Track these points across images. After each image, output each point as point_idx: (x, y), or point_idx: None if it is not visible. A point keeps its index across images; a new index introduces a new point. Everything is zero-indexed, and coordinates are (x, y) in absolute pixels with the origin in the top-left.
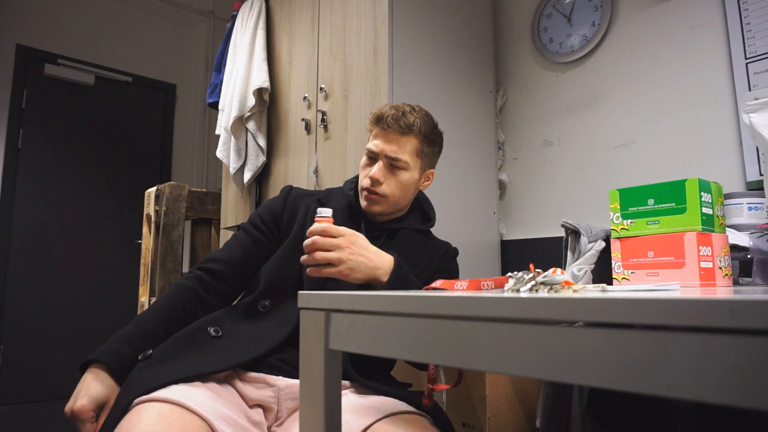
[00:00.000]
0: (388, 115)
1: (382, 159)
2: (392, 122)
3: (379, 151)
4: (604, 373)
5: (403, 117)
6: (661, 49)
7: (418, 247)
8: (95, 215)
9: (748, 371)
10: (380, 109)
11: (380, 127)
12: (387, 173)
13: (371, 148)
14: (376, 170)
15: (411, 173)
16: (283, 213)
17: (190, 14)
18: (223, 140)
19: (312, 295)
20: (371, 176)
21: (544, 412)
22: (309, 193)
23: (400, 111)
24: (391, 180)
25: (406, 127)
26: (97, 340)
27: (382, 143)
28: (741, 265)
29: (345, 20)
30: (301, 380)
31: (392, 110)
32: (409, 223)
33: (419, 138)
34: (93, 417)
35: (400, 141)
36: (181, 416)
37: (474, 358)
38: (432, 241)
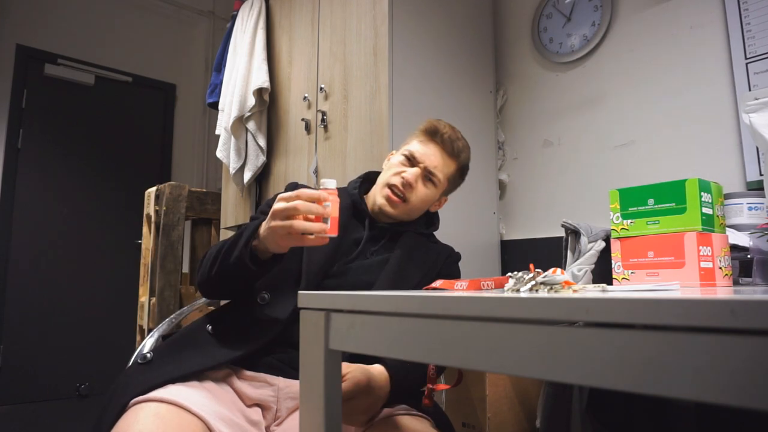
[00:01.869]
0: (444, 133)
1: (421, 167)
2: (447, 141)
3: (424, 159)
4: (604, 373)
5: (456, 141)
6: (661, 49)
7: (421, 250)
8: (95, 215)
9: (748, 371)
10: (434, 122)
11: (431, 139)
12: (419, 181)
13: (415, 153)
14: (411, 174)
15: (436, 192)
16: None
17: (190, 14)
18: (223, 140)
19: (312, 295)
20: (406, 178)
21: (544, 412)
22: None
23: (456, 134)
24: (419, 189)
25: (456, 151)
26: (97, 340)
27: (429, 154)
28: (741, 265)
29: (345, 20)
30: (301, 380)
31: (448, 129)
32: (414, 226)
33: (458, 167)
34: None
35: (445, 160)
36: (178, 416)
37: (474, 358)
38: (435, 245)
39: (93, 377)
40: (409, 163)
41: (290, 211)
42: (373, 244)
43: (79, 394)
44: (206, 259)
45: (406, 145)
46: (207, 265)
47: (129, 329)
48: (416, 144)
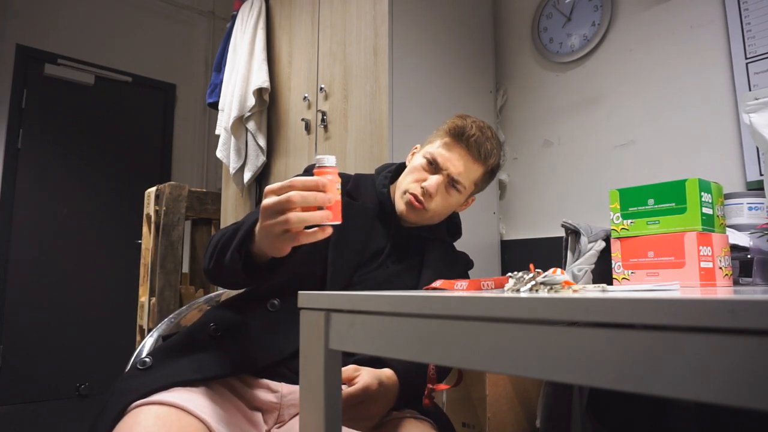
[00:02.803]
0: (472, 135)
1: (444, 174)
2: (474, 145)
3: (447, 166)
4: (604, 373)
5: (484, 143)
6: (661, 49)
7: (448, 261)
8: (95, 215)
9: (748, 371)
10: (461, 121)
11: (457, 142)
12: (441, 191)
13: (438, 158)
14: (433, 183)
15: (460, 197)
16: None
17: (190, 14)
18: (223, 140)
19: (312, 295)
20: (427, 188)
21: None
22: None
23: (484, 134)
24: (441, 197)
25: (484, 155)
26: (97, 340)
27: (453, 160)
28: (741, 265)
29: (345, 20)
30: (301, 380)
31: (476, 130)
32: (440, 234)
33: (486, 170)
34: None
35: (470, 166)
36: (179, 418)
37: (474, 358)
38: (455, 254)
39: (93, 377)
40: (431, 168)
41: (284, 204)
42: (396, 251)
43: (79, 394)
44: (209, 246)
45: (429, 145)
46: (207, 254)
47: (129, 329)
48: (440, 147)
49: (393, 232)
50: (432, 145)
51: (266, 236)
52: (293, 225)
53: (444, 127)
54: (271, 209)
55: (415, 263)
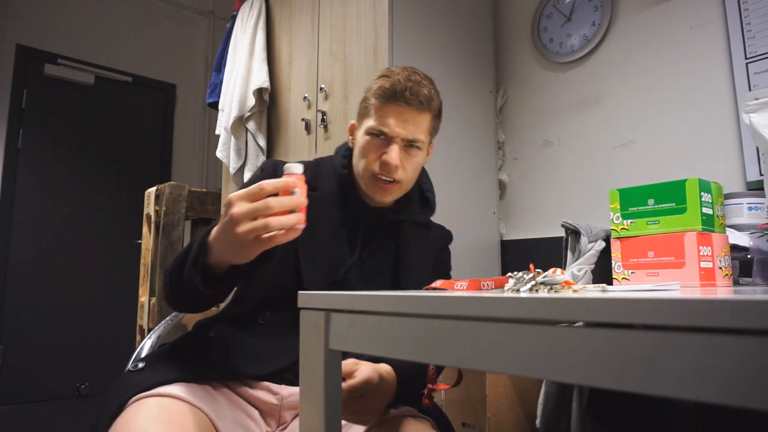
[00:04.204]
0: (405, 89)
1: (398, 141)
2: (411, 98)
3: (397, 132)
4: (604, 373)
5: (421, 89)
6: (661, 49)
7: (422, 243)
8: (95, 215)
9: (748, 371)
10: (387, 81)
11: (394, 103)
12: (403, 156)
13: (384, 129)
14: (393, 154)
15: (423, 153)
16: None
17: (190, 14)
18: (223, 140)
19: (312, 295)
20: (389, 161)
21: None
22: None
23: (415, 82)
24: (406, 164)
25: (425, 102)
26: (97, 340)
27: (398, 124)
28: (741, 265)
29: (345, 20)
30: (301, 380)
31: (406, 81)
32: (411, 213)
33: (432, 114)
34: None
35: (417, 120)
36: (182, 407)
37: (474, 358)
38: (431, 231)
39: (93, 377)
40: (382, 140)
41: (261, 210)
42: (369, 240)
43: (79, 394)
44: (165, 275)
45: (367, 118)
46: (165, 282)
47: (129, 329)
48: (378, 116)
49: (361, 217)
50: (370, 118)
51: (235, 244)
52: (273, 229)
53: (373, 93)
54: (246, 216)
55: (390, 251)
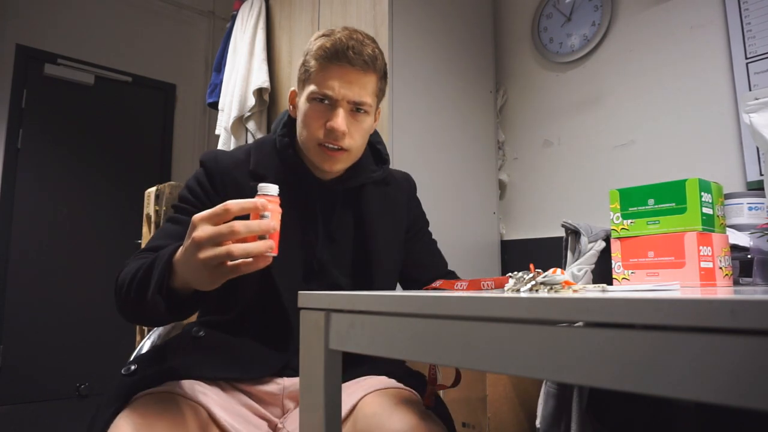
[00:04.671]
0: (348, 48)
1: (343, 105)
2: (355, 57)
3: (343, 94)
4: (604, 373)
5: (364, 48)
6: (661, 49)
7: (385, 203)
8: (95, 215)
9: (748, 371)
10: (328, 40)
11: (336, 63)
12: (350, 121)
13: (328, 92)
14: (339, 120)
15: (371, 117)
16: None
17: (190, 14)
18: (223, 140)
19: (312, 295)
20: (334, 127)
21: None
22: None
23: (357, 41)
24: (353, 129)
25: (370, 62)
26: (97, 340)
27: (342, 85)
28: (741, 265)
29: (345, 20)
30: (301, 380)
31: (348, 40)
32: (366, 174)
33: (378, 75)
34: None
35: (362, 81)
36: (179, 403)
37: (474, 358)
38: (390, 187)
39: (93, 377)
40: (327, 105)
41: (225, 235)
42: (330, 217)
43: (79, 394)
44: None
45: (307, 82)
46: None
47: (129, 329)
48: (321, 77)
49: (316, 195)
50: (311, 82)
51: (198, 270)
52: (238, 257)
53: (313, 55)
54: (209, 240)
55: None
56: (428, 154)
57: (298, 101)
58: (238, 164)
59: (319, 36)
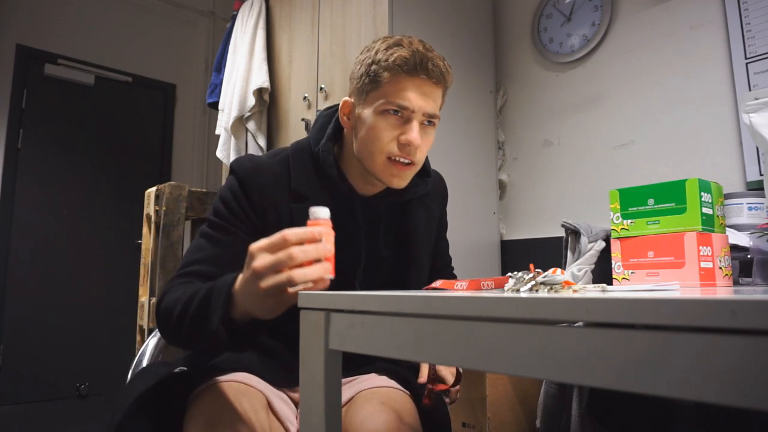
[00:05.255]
0: (426, 59)
1: (418, 117)
2: (433, 70)
3: (418, 108)
4: (604, 373)
5: (437, 60)
6: (661, 49)
7: (428, 215)
8: (95, 215)
9: (748, 371)
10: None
11: (415, 75)
12: (421, 135)
13: (406, 103)
14: (415, 134)
15: (434, 131)
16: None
17: (190, 14)
18: (223, 140)
19: (312, 295)
20: (411, 140)
21: (544, 412)
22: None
23: (431, 51)
24: (424, 143)
25: (445, 75)
26: (97, 340)
27: (418, 97)
28: (741, 265)
29: (345, 20)
30: (301, 380)
31: (426, 51)
32: (411, 189)
33: (445, 88)
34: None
35: (434, 94)
36: (247, 390)
37: (474, 358)
38: (430, 197)
39: (93, 377)
40: (400, 117)
41: (284, 262)
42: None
43: (79, 394)
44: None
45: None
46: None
47: (129, 329)
48: (397, 89)
49: (359, 215)
50: (381, 92)
51: (260, 299)
52: (298, 282)
53: (387, 66)
54: (269, 269)
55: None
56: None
57: (359, 113)
58: (277, 179)
59: (391, 45)
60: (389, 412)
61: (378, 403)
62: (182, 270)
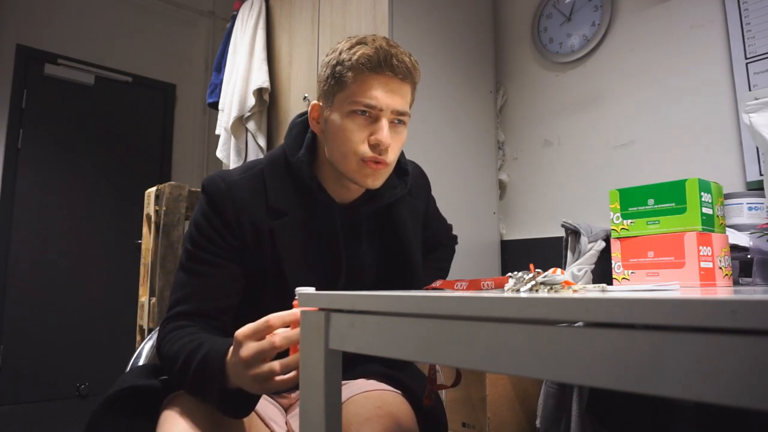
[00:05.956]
0: (390, 56)
1: (387, 116)
2: (398, 66)
3: (386, 106)
4: (604, 373)
5: (403, 57)
6: (661, 49)
7: (413, 214)
8: (95, 215)
9: (748, 372)
10: (368, 48)
11: (379, 72)
12: (391, 133)
13: (373, 102)
14: (385, 133)
15: (406, 130)
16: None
17: (190, 14)
18: (223, 140)
19: (312, 295)
20: (381, 140)
21: (544, 412)
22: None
23: (396, 48)
24: (394, 142)
25: (411, 71)
26: (97, 340)
27: (385, 95)
28: (741, 265)
29: (345, 20)
30: (301, 380)
31: (389, 47)
32: (390, 192)
33: (413, 85)
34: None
35: (402, 91)
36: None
37: (474, 358)
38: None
39: (93, 377)
40: (368, 117)
41: (268, 351)
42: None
43: (79, 394)
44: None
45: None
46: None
47: (129, 329)
48: (362, 88)
49: (338, 223)
50: (346, 93)
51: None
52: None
53: (351, 65)
54: (254, 358)
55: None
56: (428, 153)
57: (327, 116)
58: (252, 196)
59: (354, 44)
60: (386, 416)
61: (374, 407)
62: (171, 312)
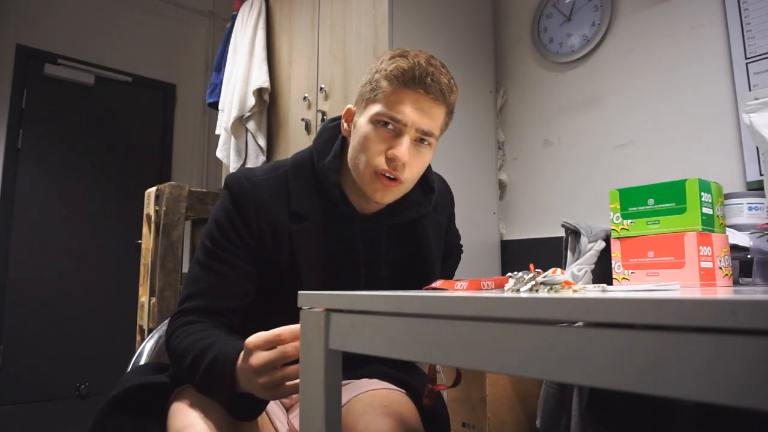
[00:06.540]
0: (427, 74)
1: (410, 132)
2: (432, 85)
3: (411, 122)
4: (604, 373)
5: (441, 77)
6: (661, 49)
7: (437, 230)
8: (95, 215)
9: (748, 372)
10: (406, 61)
11: (411, 87)
12: (412, 152)
13: (398, 116)
14: (403, 149)
15: (431, 151)
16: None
17: (190, 14)
18: (223, 140)
19: (312, 295)
20: (397, 155)
21: (544, 412)
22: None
23: (436, 68)
24: (414, 161)
25: (446, 93)
26: (97, 340)
27: (413, 111)
28: (741, 265)
29: (345, 20)
30: (301, 380)
31: (427, 65)
32: (413, 209)
33: (447, 109)
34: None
35: (433, 112)
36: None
37: (474, 358)
38: (437, 211)
39: (93, 377)
40: (391, 130)
41: (279, 360)
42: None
43: (79, 394)
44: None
45: (374, 103)
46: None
47: (129, 329)
48: (392, 100)
49: (358, 233)
50: (377, 103)
51: (259, 391)
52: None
53: (386, 75)
54: (264, 367)
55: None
56: None
57: (357, 120)
58: (275, 198)
59: (395, 56)
60: (392, 415)
61: (380, 406)
62: (182, 306)
